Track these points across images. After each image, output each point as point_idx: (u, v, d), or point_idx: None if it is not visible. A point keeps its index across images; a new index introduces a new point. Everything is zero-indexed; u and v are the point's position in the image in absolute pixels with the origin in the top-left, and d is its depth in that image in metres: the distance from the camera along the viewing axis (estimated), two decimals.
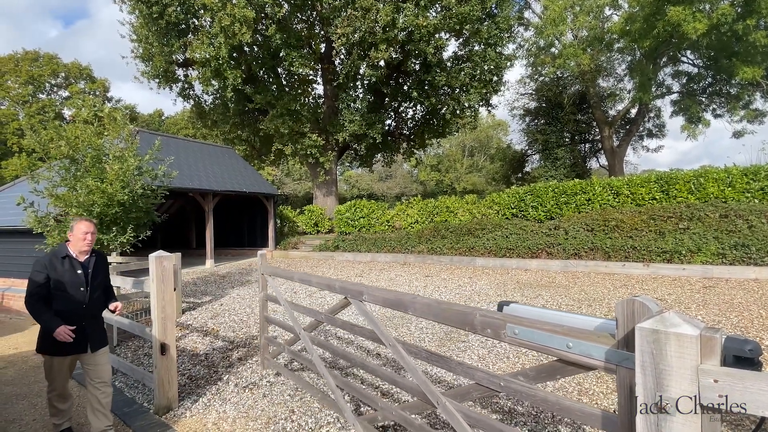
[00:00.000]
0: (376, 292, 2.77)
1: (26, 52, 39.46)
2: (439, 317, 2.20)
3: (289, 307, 4.16)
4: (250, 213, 16.46)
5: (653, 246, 9.60)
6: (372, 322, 2.81)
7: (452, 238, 13.07)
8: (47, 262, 3.24)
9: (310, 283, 3.74)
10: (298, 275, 3.97)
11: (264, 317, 4.80)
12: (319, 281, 3.58)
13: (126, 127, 6.73)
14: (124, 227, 6.67)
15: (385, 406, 2.89)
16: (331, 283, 3.31)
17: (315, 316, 3.71)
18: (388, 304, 2.63)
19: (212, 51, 14.10)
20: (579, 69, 19.23)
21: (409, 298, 2.43)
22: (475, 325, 1.97)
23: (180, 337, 6.36)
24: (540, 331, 1.71)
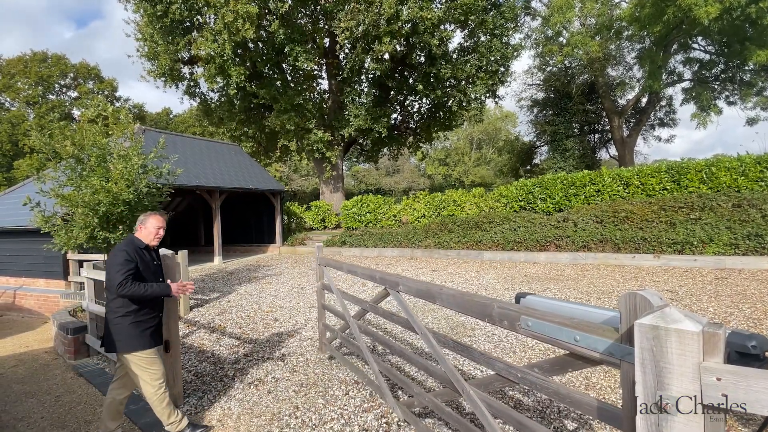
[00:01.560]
0: (410, 283, 2.90)
1: (35, 53, 39.88)
2: (462, 307, 2.27)
3: (340, 296, 4.32)
4: (257, 209, 16.52)
5: (664, 237, 9.43)
6: (407, 311, 2.96)
7: (459, 232, 12.99)
8: (132, 251, 3.24)
9: (356, 273, 3.92)
10: (346, 266, 4.15)
11: (321, 305, 5.04)
12: (363, 272, 3.77)
13: (129, 125, 6.75)
14: (130, 226, 6.68)
15: (419, 393, 3.02)
16: (373, 274, 3.49)
17: (361, 305, 3.92)
18: (419, 294, 2.73)
19: (216, 48, 14.09)
20: (588, 57, 18.87)
21: (437, 289, 2.52)
22: (493, 316, 1.99)
23: (187, 334, 6.40)
24: (550, 324, 1.68)
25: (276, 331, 6.22)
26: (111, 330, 3.23)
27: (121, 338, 3.19)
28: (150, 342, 3.28)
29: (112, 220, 6.60)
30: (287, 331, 6.17)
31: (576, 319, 1.65)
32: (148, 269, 3.33)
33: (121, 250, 3.22)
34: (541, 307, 1.93)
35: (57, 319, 6.47)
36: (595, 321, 1.65)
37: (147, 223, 3.42)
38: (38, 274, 9.65)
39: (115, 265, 3.12)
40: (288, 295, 8.44)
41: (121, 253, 3.19)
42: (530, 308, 1.88)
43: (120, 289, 3.05)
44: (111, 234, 6.57)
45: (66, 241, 6.38)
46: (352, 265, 4.06)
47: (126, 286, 3.06)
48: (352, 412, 3.65)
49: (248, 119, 18.82)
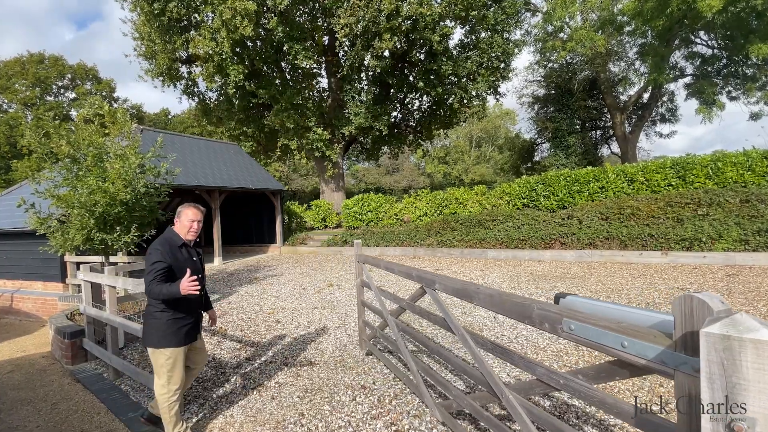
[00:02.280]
0: (446, 281, 2.82)
1: (32, 54, 39.69)
2: (499, 308, 2.16)
3: (379, 294, 4.28)
4: (257, 209, 16.35)
5: (671, 234, 9.28)
6: (443, 310, 2.87)
7: (462, 230, 12.83)
8: (166, 251, 3.10)
9: (393, 271, 3.82)
10: (383, 263, 4.09)
11: (360, 302, 4.96)
12: (400, 269, 3.66)
13: (127, 124, 6.58)
14: (128, 227, 6.54)
15: (457, 395, 2.96)
16: (409, 272, 3.41)
17: (399, 303, 3.86)
18: (455, 293, 2.63)
19: (215, 46, 13.92)
20: (592, 52, 18.67)
21: (474, 288, 2.42)
22: (533, 318, 1.86)
23: None
24: (595, 328, 1.54)
25: (278, 334, 6.07)
26: (145, 323, 3.23)
27: (153, 333, 3.14)
28: (182, 340, 3.20)
29: (110, 221, 6.45)
30: (290, 334, 6.01)
31: (624, 323, 1.50)
32: (182, 268, 3.11)
33: (156, 249, 3.10)
34: (584, 309, 1.79)
35: (54, 323, 6.30)
36: (643, 325, 1.50)
37: (182, 216, 3.26)
38: (36, 277, 9.49)
39: (147, 266, 3.05)
40: (290, 296, 8.28)
41: (155, 252, 3.08)
42: (572, 310, 1.73)
43: (149, 286, 2.99)
44: (108, 235, 6.42)
45: (62, 243, 6.22)
46: (389, 263, 3.99)
47: (151, 286, 2.99)
48: (360, 420, 3.49)
49: (247, 118, 18.65)
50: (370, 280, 4.57)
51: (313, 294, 8.37)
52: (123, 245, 6.47)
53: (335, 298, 7.89)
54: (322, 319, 6.63)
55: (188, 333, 3.24)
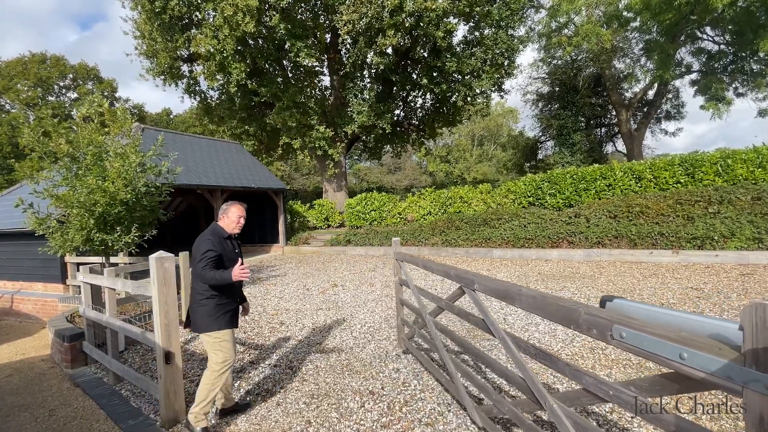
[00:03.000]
0: (486, 281, 2.69)
1: (33, 54, 39.70)
2: (543, 311, 2.02)
3: (417, 292, 4.18)
4: (259, 209, 16.21)
5: (682, 232, 9.10)
6: (483, 311, 2.77)
7: (467, 229, 12.66)
8: (216, 242, 3.40)
9: (431, 269, 3.73)
10: (421, 262, 4.02)
11: (399, 300, 4.88)
12: (438, 268, 3.58)
13: (127, 122, 6.43)
14: (128, 227, 6.39)
15: (498, 400, 2.84)
16: (447, 271, 3.33)
17: (437, 303, 3.77)
18: (496, 294, 2.51)
19: (217, 44, 13.77)
20: (598, 47, 18.41)
21: (516, 290, 2.27)
22: (580, 323, 1.72)
23: (189, 339, 6.10)
24: (649, 336, 1.39)
25: (282, 336, 5.92)
26: (197, 310, 3.42)
27: (206, 318, 3.37)
28: (228, 323, 3.45)
29: (110, 222, 6.31)
30: (294, 336, 5.87)
31: (683, 332, 1.33)
32: (229, 258, 3.47)
33: (207, 239, 3.37)
34: (636, 314, 1.63)
35: (53, 326, 6.17)
36: (702, 334, 1.33)
37: (229, 212, 3.59)
38: (36, 278, 9.37)
39: (199, 254, 3.31)
40: (293, 297, 8.14)
41: (206, 242, 3.35)
42: (623, 316, 1.57)
43: (203, 272, 3.26)
44: (108, 236, 6.28)
45: (61, 244, 6.08)
46: (427, 261, 3.88)
47: (204, 272, 3.26)
48: (369, 428, 3.34)
49: (249, 117, 18.50)
50: (408, 278, 4.46)
51: (317, 295, 8.22)
52: (123, 246, 6.33)
53: (340, 299, 7.74)
54: (327, 320, 6.48)
55: (232, 318, 3.51)
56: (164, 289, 3.62)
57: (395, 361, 4.70)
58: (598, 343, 4.75)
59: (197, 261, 3.29)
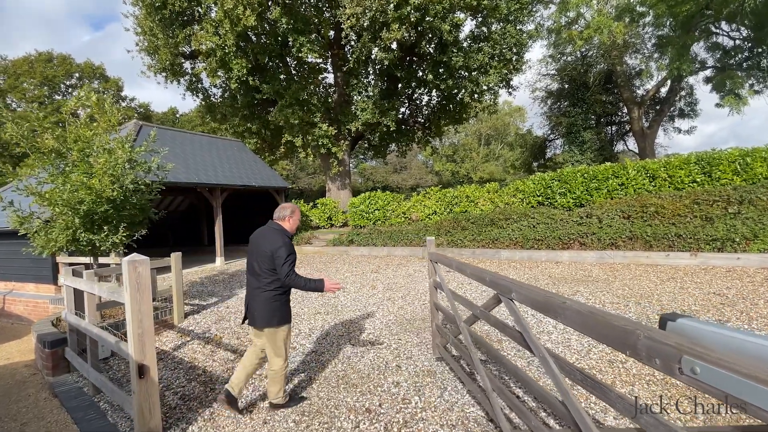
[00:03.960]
0: (525, 290, 2.35)
1: (39, 53, 39.82)
2: (591, 330, 1.64)
3: (451, 297, 3.88)
4: (261, 208, 15.91)
5: (701, 233, 8.63)
6: (521, 324, 2.43)
7: (474, 229, 12.25)
8: (290, 244, 3.59)
9: (465, 273, 3.43)
10: (455, 264, 3.69)
11: (433, 304, 4.63)
12: (473, 272, 3.27)
13: (114, 116, 6.11)
14: (116, 226, 6.07)
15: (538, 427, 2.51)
16: (482, 275, 3.00)
17: (472, 310, 3.48)
18: (535, 306, 2.15)
19: (218, 40, 13.47)
20: (610, 41, 17.82)
21: (559, 302, 1.90)
22: (638, 349, 1.33)
23: (179, 345, 5.77)
24: (735, 376, 1.02)
25: None
26: (265, 307, 3.52)
27: (277, 314, 3.54)
28: (290, 318, 3.72)
29: (97, 221, 5.98)
30: (290, 343, 5.50)
31: None
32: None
33: (286, 242, 3.51)
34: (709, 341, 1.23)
35: (37, 330, 5.87)
36: None
37: (295, 216, 3.76)
38: (28, 278, 9.10)
39: (282, 256, 3.42)
40: (291, 299, 7.77)
41: (287, 245, 3.50)
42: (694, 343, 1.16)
43: (287, 279, 3.43)
44: (95, 236, 5.96)
45: (44, 244, 5.77)
46: (461, 263, 3.56)
47: (291, 276, 3.44)
48: None
49: (251, 115, 18.19)
50: (443, 281, 4.16)
51: (316, 297, 7.87)
52: (111, 246, 6.00)
53: (339, 303, 7.38)
54: (325, 326, 6.12)
55: (290, 312, 3.74)
56: (138, 295, 3.27)
57: (395, 373, 4.33)
58: (617, 355, 4.35)
59: (282, 263, 3.42)
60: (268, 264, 3.47)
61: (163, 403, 4.08)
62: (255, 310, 3.56)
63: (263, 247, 3.53)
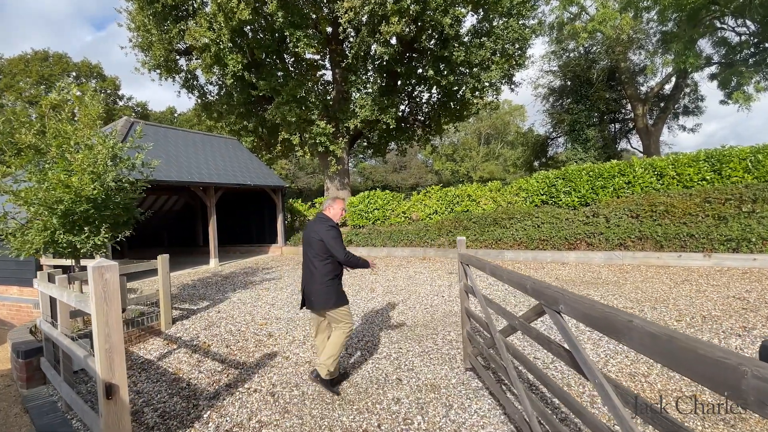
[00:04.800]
0: (577, 303, 1.87)
1: (36, 52, 39.46)
2: (671, 360, 1.20)
3: (485, 304, 3.50)
4: (258, 207, 15.54)
5: (715, 233, 8.27)
6: (570, 342, 1.99)
7: (476, 229, 11.89)
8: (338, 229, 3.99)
9: (501, 278, 3.00)
10: (489, 267, 3.27)
11: (464, 309, 4.28)
12: (510, 277, 2.85)
13: (94, 109, 5.72)
14: (98, 227, 5.69)
15: None
16: (522, 281, 2.57)
17: (509, 320, 3.02)
18: (591, 323, 1.69)
19: (212, 35, 13.08)
20: (616, 34, 17.39)
21: (623, 320, 1.44)
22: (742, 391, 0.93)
23: (164, 354, 5.39)
24: None
25: (269, 351, 5.20)
26: (323, 291, 3.82)
27: (333, 297, 3.83)
28: (347, 299, 4.02)
29: (77, 221, 5.60)
30: (282, 351, 5.14)
31: None
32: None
33: (333, 227, 3.92)
34: None
35: (12, 339, 5.49)
36: None
37: (336, 204, 4.10)
38: (11, 281, 8.72)
39: (336, 239, 3.84)
40: (286, 304, 7.42)
41: (335, 229, 3.93)
42: None
43: (346, 257, 3.83)
44: (75, 237, 5.58)
45: (20, 246, 5.39)
46: (496, 267, 3.15)
47: (348, 254, 3.87)
48: None
49: (248, 112, 17.78)
50: (475, 285, 3.77)
51: None
52: (92, 248, 5.63)
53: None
54: None
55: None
56: (104, 306, 2.89)
57: (395, 387, 3.96)
58: (638, 368, 3.99)
59: (336, 245, 3.80)
60: (320, 250, 3.83)
61: (141, 422, 3.71)
62: (312, 295, 3.88)
63: (313, 236, 3.91)
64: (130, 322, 6.13)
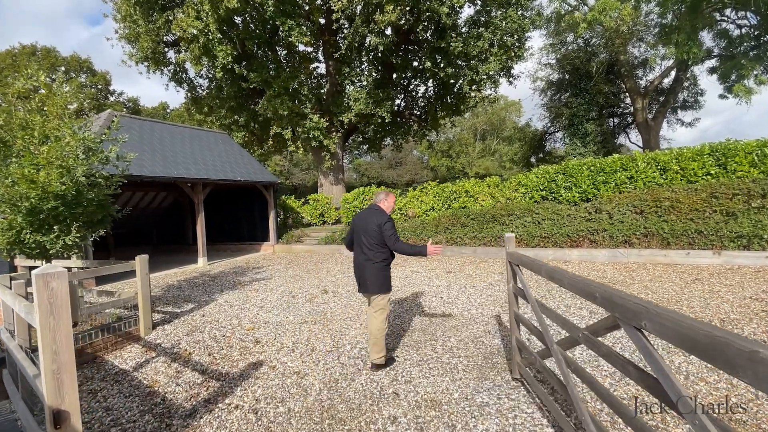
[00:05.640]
0: (668, 320, 1.39)
1: (23, 46, 38.70)
2: None
3: (538, 310, 3.06)
4: (248, 204, 15.07)
5: (724, 230, 7.93)
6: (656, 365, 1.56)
7: (474, 226, 11.51)
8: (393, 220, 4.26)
9: (562, 283, 2.50)
10: (546, 269, 2.80)
11: (514, 314, 3.83)
12: (573, 282, 2.35)
13: (63, 97, 5.27)
14: (69, 225, 5.24)
15: None
16: (590, 289, 2.10)
17: (570, 331, 2.53)
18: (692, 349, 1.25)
19: (200, 25, 12.57)
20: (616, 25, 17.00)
21: (745, 350, 1.04)
22: None
23: (141, 364, 4.97)
24: None
25: (254, 360, 4.79)
26: (376, 276, 4.09)
27: (384, 282, 4.12)
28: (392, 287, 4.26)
29: (46, 220, 5.15)
30: (268, 360, 4.73)
31: None
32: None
33: (389, 218, 4.17)
34: None
35: None
36: None
37: (389, 198, 4.35)
38: None
39: (391, 228, 4.08)
40: (276, 306, 7.00)
41: (390, 220, 4.15)
42: None
43: (396, 244, 4.05)
44: (44, 237, 5.13)
45: None
46: (554, 270, 2.66)
47: (399, 243, 4.07)
48: None
49: (239, 106, 17.29)
50: (527, 288, 3.31)
51: (303, 303, 7.09)
52: (61, 249, 5.18)
53: (329, 309, 6.61)
54: (311, 338, 5.35)
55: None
56: (50, 320, 2.46)
57: (392, 403, 3.57)
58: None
59: (390, 234, 4.05)
60: (377, 238, 4.09)
61: None
62: (367, 280, 4.13)
63: (371, 224, 4.14)
64: (106, 327, 5.69)
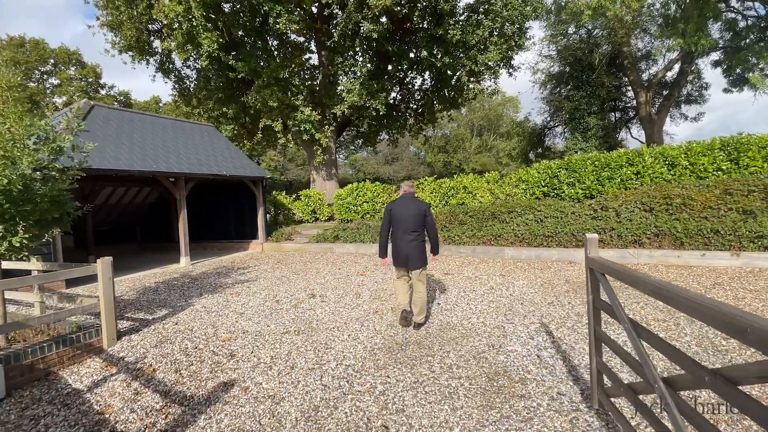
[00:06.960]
0: None
1: (11, 38, 37.81)
2: None
3: (634, 333, 2.31)
4: (236, 200, 14.42)
5: (743, 229, 7.37)
6: None
7: (473, 224, 10.93)
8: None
9: (678, 306, 1.77)
10: (651, 284, 2.01)
11: (596, 335, 3.04)
12: (700, 308, 1.60)
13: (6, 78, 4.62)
14: (15, 225, 4.60)
15: None
16: (737, 321, 1.38)
17: (685, 367, 1.83)
18: None
19: (181, 9, 11.86)
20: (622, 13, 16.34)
21: None
22: None
23: (98, 382, 4.35)
24: None
25: (225, 379, 4.18)
26: (420, 252, 4.93)
27: (424, 257, 4.98)
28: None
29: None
30: (240, 380, 4.13)
31: None
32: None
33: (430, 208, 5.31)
34: None
35: None
36: None
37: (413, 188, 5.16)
38: None
39: (431, 215, 4.96)
40: (257, 313, 6.39)
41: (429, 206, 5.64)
42: None
43: (436, 231, 5.05)
44: None
45: None
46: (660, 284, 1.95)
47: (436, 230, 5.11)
48: None
49: (227, 98, 16.58)
50: (617, 305, 2.52)
51: (287, 309, 6.48)
52: (7, 252, 4.54)
53: (315, 317, 6.01)
54: (292, 352, 4.74)
55: None
56: None
57: None
58: None
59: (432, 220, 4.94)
60: (420, 222, 4.85)
61: None
62: (413, 257, 4.87)
63: (414, 210, 4.87)
64: (63, 339, 5.06)
